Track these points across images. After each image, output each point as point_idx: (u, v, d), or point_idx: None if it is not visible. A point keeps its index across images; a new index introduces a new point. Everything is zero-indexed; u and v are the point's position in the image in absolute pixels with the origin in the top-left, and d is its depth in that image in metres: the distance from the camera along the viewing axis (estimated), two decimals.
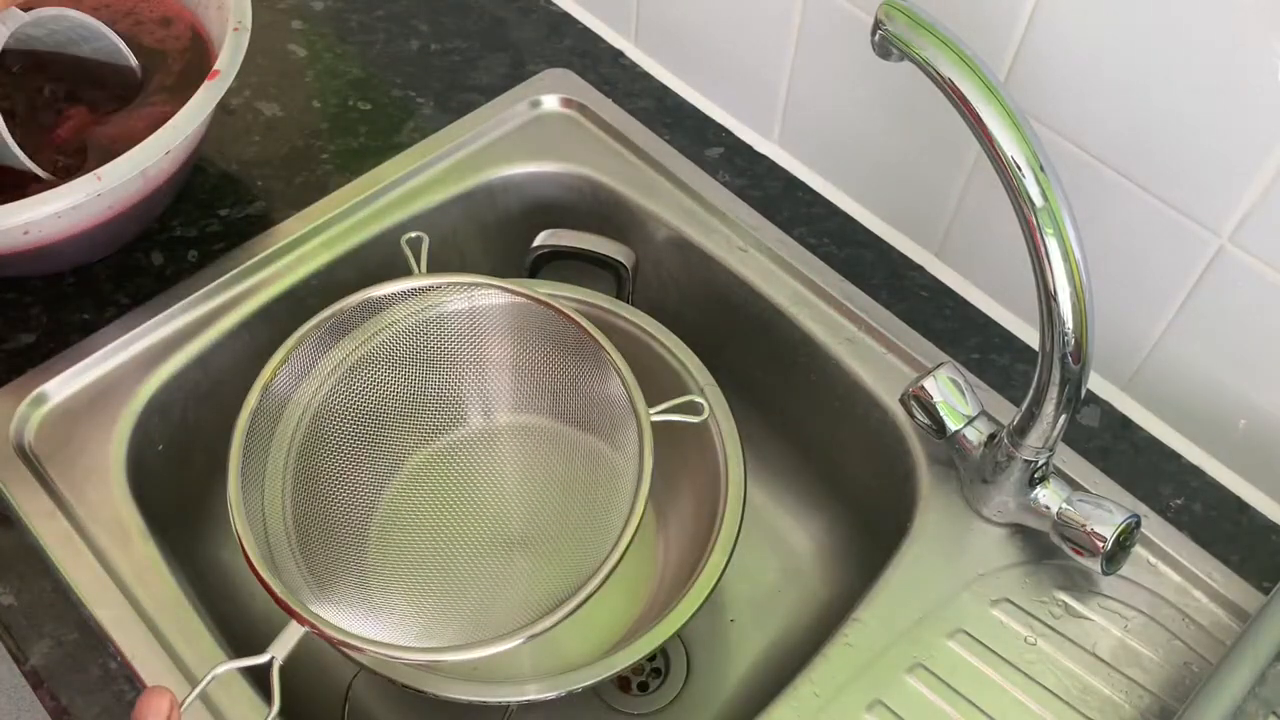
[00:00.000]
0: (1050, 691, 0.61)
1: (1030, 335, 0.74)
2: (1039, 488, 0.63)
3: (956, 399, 0.65)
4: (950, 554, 0.66)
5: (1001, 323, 0.75)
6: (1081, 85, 0.62)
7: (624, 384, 0.60)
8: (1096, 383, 0.72)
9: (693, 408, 0.60)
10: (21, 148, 0.67)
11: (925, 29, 0.52)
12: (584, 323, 0.63)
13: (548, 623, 0.52)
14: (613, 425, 0.63)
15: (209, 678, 0.49)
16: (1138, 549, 0.66)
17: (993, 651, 0.62)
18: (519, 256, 0.78)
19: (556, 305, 0.64)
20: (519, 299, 0.66)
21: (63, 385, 0.70)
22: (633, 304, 0.74)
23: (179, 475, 0.73)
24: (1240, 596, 0.64)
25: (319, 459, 0.65)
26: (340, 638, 0.50)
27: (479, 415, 0.73)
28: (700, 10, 0.82)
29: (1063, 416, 0.58)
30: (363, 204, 0.79)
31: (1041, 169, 0.51)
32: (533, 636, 0.51)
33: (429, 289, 0.65)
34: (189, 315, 0.73)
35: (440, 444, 0.72)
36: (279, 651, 0.48)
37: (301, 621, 0.49)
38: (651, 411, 0.59)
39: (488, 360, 0.70)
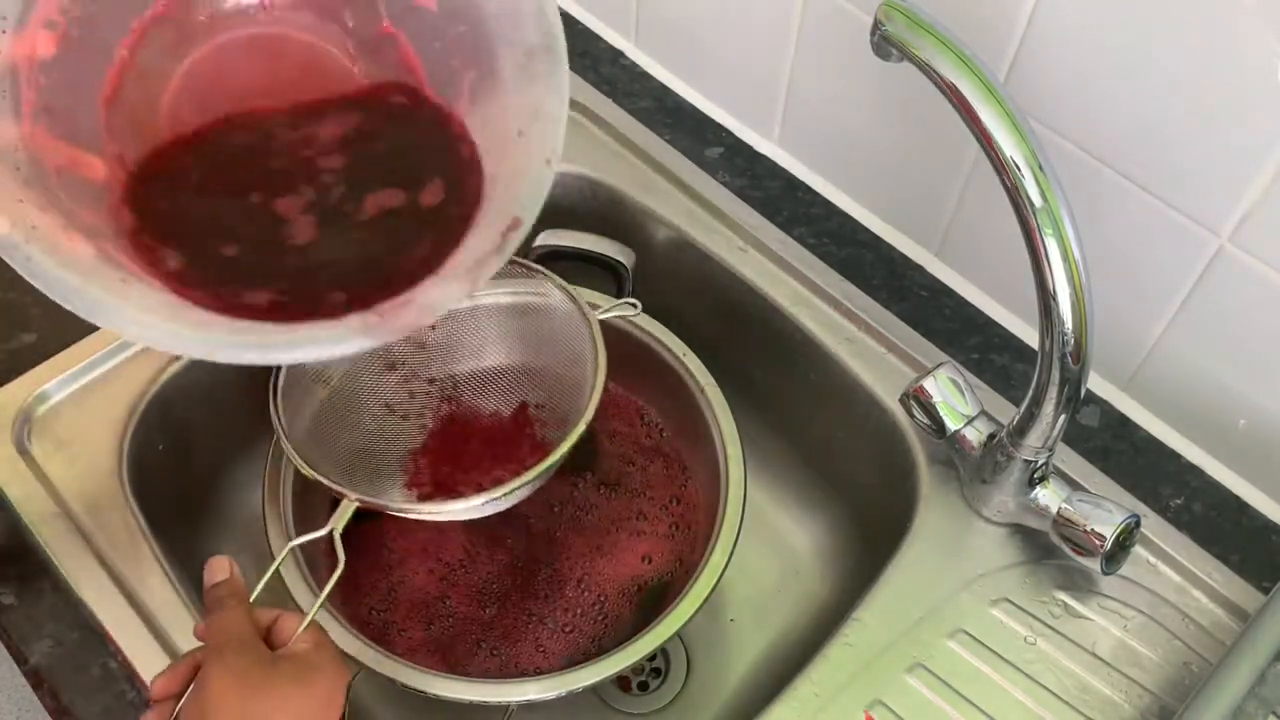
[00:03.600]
0: (1050, 691, 0.61)
1: (1030, 335, 0.74)
2: (1039, 487, 0.63)
3: (956, 399, 0.65)
4: (950, 554, 0.66)
5: (1001, 323, 0.75)
6: (1081, 85, 0.62)
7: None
8: (1096, 382, 0.72)
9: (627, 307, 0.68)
10: None
11: (925, 29, 0.52)
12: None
13: (514, 484, 0.60)
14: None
15: (286, 550, 0.58)
16: (1137, 549, 0.66)
17: (993, 651, 0.62)
18: (519, 256, 0.78)
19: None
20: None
21: (63, 385, 0.70)
22: None
23: (179, 475, 0.73)
24: (1240, 596, 0.64)
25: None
26: (380, 503, 0.60)
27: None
28: (700, 10, 0.82)
29: (1062, 416, 0.58)
30: None
31: (1041, 169, 0.51)
32: (494, 500, 0.60)
33: None
34: None
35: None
36: (336, 525, 0.58)
37: (351, 498, 0.58)
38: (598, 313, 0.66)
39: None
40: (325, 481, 0.59)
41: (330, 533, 0.58)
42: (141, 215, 0.54)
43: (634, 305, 0.68)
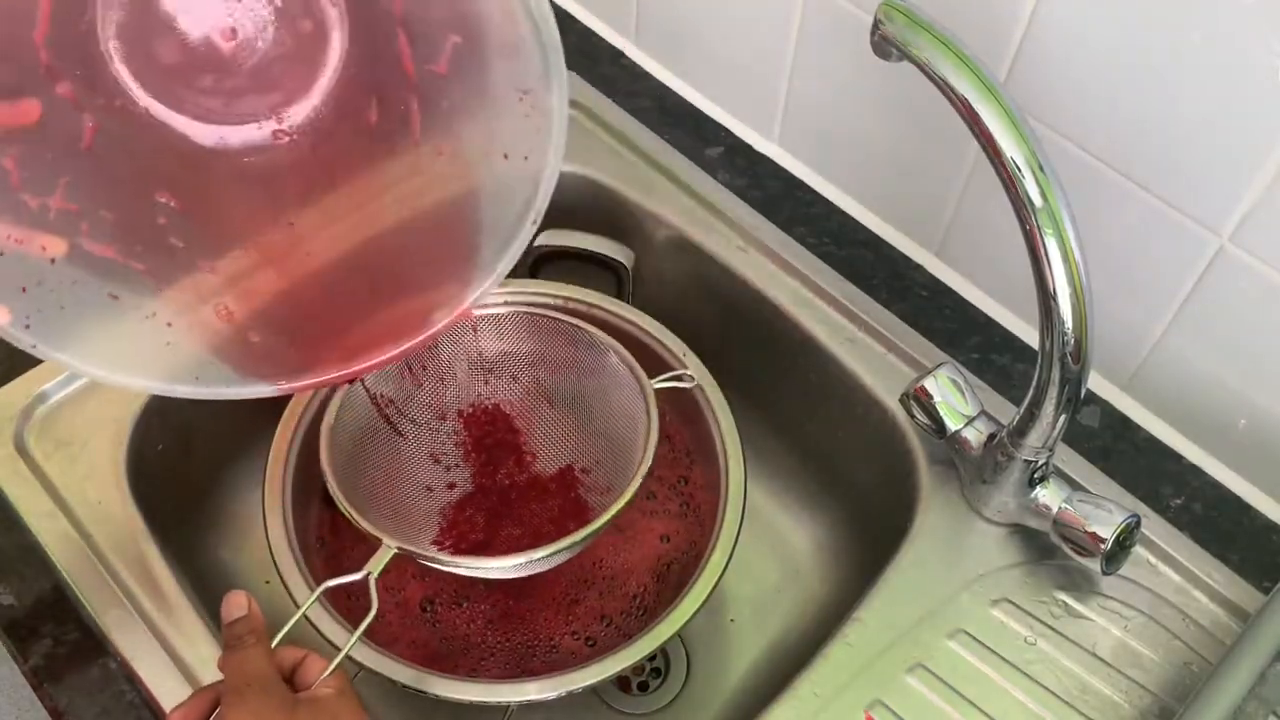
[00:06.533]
0: (1050, 691, 0.61)
1: (1030, 335, 0.74)
2: (1039, 488, 0.63)
3: (956, 399, 0.65)
4: (950, 554, 0.66)
5: (1001, 322, 0.75)
6: (1081, 85, 0.62)
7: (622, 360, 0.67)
8: (1096, 382, 0.72)
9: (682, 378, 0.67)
10: None
11: (924, 29, 0.52)
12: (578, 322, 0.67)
13: (556, 546, 0.59)
14: (619, 391, 0.67)
15: (319, 591, 0.56)
16: (1138, 549, 0.66)
17: (993, 651, 0.62)
18: (519, 256, 0.78)
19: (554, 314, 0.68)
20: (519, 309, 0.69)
21: (62, 385, 0.70)
22: (633, 304, 0.74)
23: (179, 475, 0.73)
24: (1240, 596, 0.64)
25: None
26: (420, 552, 0.58)
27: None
28: (700, 10, 0.82)
29: (1062, 416, 0.58)
30: None
31: (1041, 169, 0.51)
32: (534, 561, 0.59)
33: None
34: None
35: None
36: (373, 568, 0.56)
37: (390, 545, 0.57)
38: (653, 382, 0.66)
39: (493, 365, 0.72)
40: (367, 527, 0.58)
41: (366, 577, 0.56)
42: None
43: (691, 378, 0.68)
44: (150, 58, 0.52)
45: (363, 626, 0.54)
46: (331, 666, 0.52)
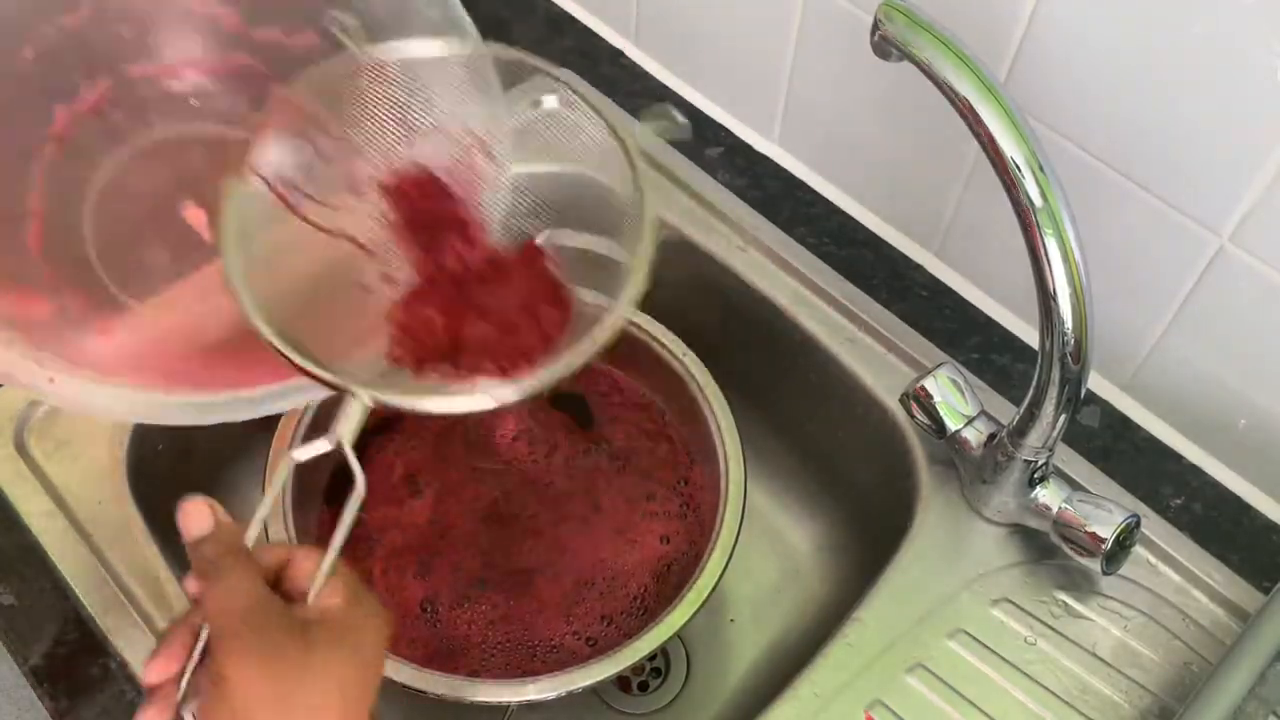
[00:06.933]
0: (1050, 691, 0.61)
1: (1030, 335, 0.74)
2: (1039, 488, 0.63)
3: (956, 399, 0.65)
4: (950, 554, 0.66)
5: (1001, 322, 0.75)
6: (1081, 85, 0.62)
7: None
8: (1096, 382, 0.72)
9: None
10: None
11: (924, 29, 0.52)
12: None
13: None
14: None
15: (287, 468, 0.44)
16: (1138, 549, 0.66)
17: (993, 651, 0.62)
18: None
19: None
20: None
21: None
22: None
23: (179, 475, 0.73)
24: (1240, 596, 0.64)
25: None
26: (398, 399, 0.46)
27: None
28: (700, 10, 0.82)
29: (1062, 416, 0.58)
30: None
31: (1041, 169, 0.51)
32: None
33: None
34: None
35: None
36: (343, 432, 0.43)
37: (360, 396, 0.44)
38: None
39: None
40: (328, 377, 0.44)
41: (339, 446, 0.43)
42: None
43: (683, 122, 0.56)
44: None
45: (352, 506, 0.42)
46: (328, 561, 0.41)
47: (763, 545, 0.82)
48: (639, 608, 0.71)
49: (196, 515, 0.42)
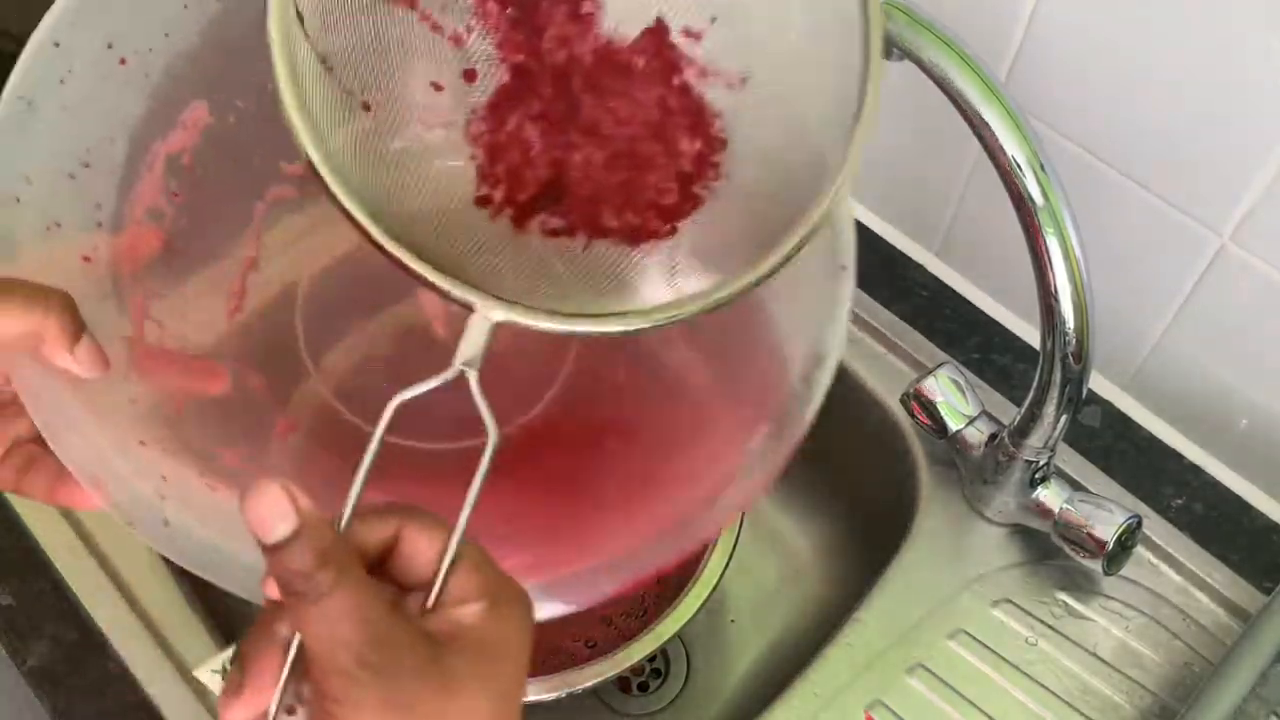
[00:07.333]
0: (1051, 692, 0.61)
1: (1031, 335, 0.74)
2: (1040, 488, 0.63)
3: (957, 399, 0.65)
4: (951, 554, 0.66)
5: (1002, 322, 0.75)
6: (1082, 84, 0.61)
7: None
8: (1098, 382, 0.72)
9: None
10: None
11: (925, 28, 0.52)
12: None
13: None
14: None
15: (394, 404, 0.32)
16: (1139, 549, 0.65)
17: (993, 652, 0.62)
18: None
19: None
20: None
21: None
22: None
23: None
24: (1241, 596, 0.64)
25: None
26: (538, 320, 0.33)
27: None
28: None
29: (1064, 416, 0.58)
30: None
31: (1042, 168, 0.51)
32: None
33: None
34: None
35: None
36: (468, 356, 0.33)
37: (484, 311, 0.33)
38: None
39: None
40: (446, 286, 0.32)
41: (462, 373, 0.33)
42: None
43: None
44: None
45: (485, 461, 0.32)
46: (454, 541, 0.30)
47: (763, 546, 0.82)
48: (639, 608, 0.71)
49: (273, 506, 0.29)
